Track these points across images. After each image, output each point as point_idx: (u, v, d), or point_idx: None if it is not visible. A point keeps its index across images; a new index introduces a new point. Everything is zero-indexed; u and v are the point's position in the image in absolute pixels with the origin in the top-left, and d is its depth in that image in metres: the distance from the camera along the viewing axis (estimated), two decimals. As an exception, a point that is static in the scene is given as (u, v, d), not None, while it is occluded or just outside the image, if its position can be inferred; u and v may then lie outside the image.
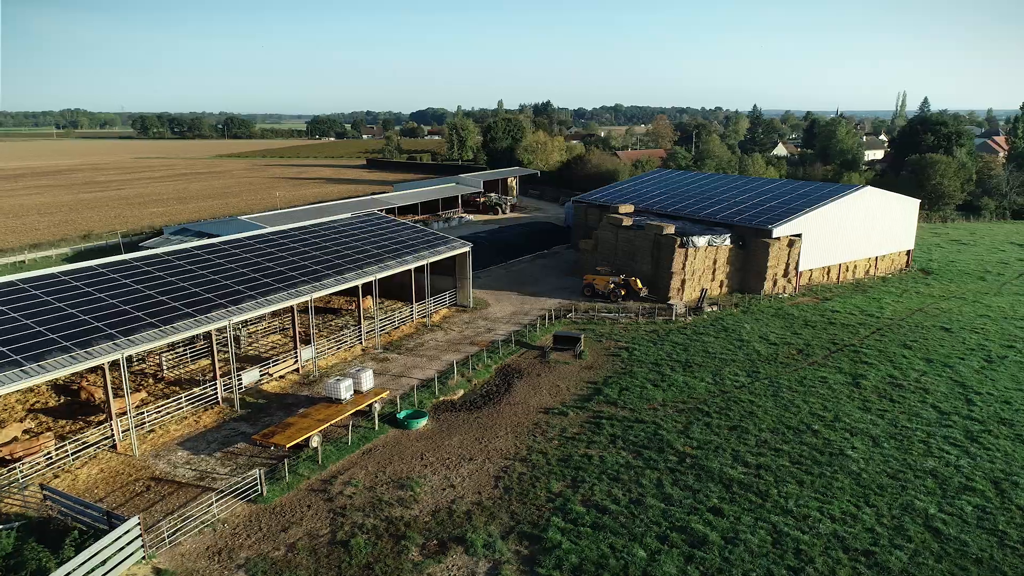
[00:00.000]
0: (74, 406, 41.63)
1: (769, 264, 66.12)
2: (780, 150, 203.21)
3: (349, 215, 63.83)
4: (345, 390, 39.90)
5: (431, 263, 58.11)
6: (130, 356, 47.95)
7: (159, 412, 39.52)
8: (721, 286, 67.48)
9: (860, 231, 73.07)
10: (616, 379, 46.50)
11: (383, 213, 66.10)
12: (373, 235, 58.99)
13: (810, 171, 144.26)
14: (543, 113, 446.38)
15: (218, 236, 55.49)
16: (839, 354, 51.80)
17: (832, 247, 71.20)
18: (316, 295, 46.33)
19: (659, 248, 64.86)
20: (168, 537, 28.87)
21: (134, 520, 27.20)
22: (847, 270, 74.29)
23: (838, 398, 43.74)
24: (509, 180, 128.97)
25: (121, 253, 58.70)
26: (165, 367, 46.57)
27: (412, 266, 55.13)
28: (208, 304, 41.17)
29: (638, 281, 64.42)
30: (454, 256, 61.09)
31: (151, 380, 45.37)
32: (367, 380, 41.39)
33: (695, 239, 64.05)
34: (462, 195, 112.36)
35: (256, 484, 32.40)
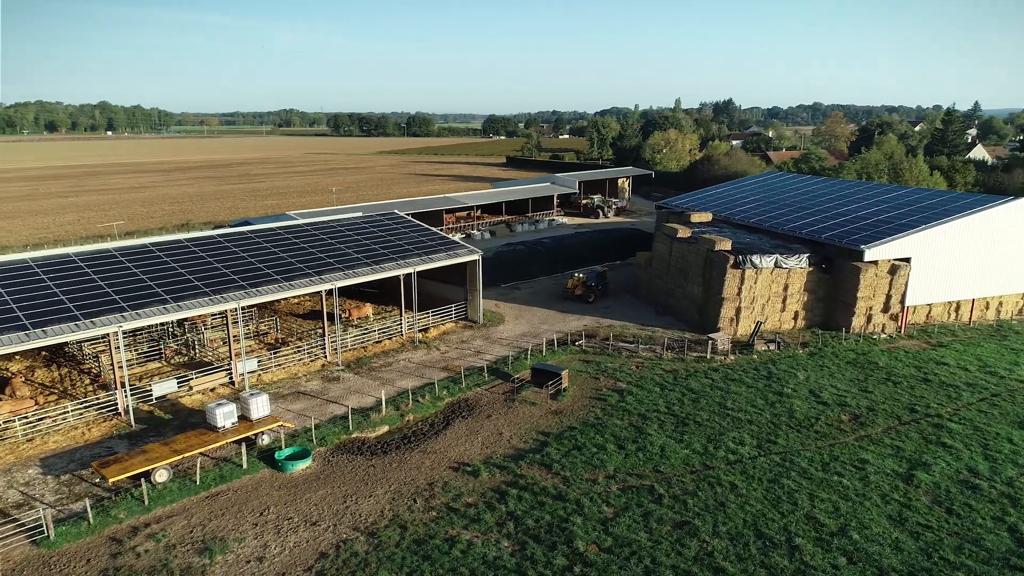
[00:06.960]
0: (-8, 403, 40.11)
1: (860, 295, 51.46)
2: (978, 152, 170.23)
3: (359, 215, 58.74)
4: (224, 417, 34.43)
5: (427, 270, 51.51)
6: (77, 351, 46.55)
7: (53, 419, 36.81)
8: (796, 318, 53.77)
9: (1006, 257, 55.16)
10: (576, 432, 36.83)
11: (400, 214, 60.22)
12: (366, 236, 53.34)
13: (1003, 179, 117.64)
14: (723, 112, 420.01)
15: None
16: (910, 427, 37.78)
17: (960, 276, 54.20)
18: (245, 303, 41.42)
19: (711, 267, 52.85)
20: (-103, 581, 24.99)
21: None
22: (986, 308, 56.65)
23: (867, 496, 30.90)
24: (620, 181, 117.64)
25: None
26: (103, 369, 44.22)
27: (391, 274, 48.72)
28: (104, 307, 37.62)
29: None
30: (463, 264, 53.88)
31: (88, 381, 43.16)
32: (259, 406, 35.62)
33: (756, 258, 51.26)
34: (561, 195, 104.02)
35: (41, 525, 27.83)
